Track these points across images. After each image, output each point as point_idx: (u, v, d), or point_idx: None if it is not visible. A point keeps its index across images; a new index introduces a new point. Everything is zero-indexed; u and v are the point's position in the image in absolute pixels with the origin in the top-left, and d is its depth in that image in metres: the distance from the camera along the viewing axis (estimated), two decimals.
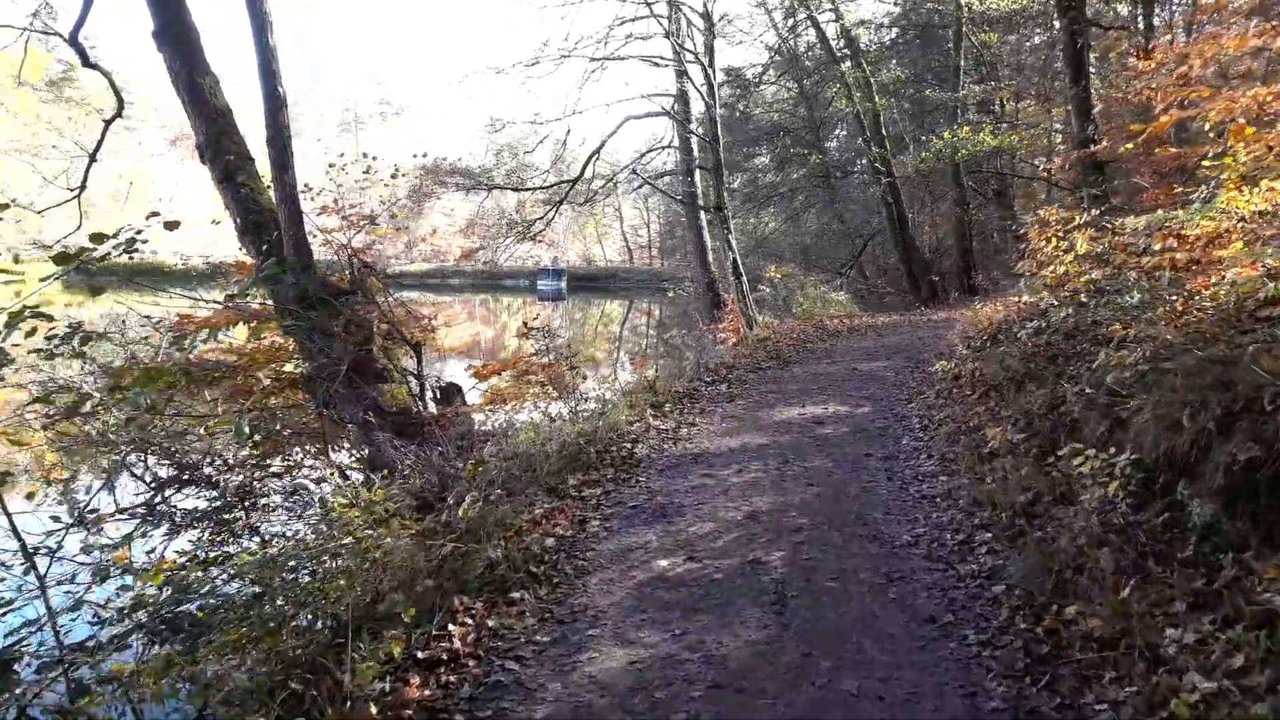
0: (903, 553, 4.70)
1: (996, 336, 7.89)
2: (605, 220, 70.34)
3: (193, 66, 8.39)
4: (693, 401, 9.04)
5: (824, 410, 8.52)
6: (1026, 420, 5.83)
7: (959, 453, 6.22)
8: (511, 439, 7.26)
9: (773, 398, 9.27)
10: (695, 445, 7.23)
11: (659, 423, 7.88)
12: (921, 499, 5.57)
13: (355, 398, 7.88)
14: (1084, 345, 5.92)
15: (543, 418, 8.36)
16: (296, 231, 8.13)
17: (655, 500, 5.69)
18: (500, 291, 59.02)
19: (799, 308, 18.30)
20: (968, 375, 7.88)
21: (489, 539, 5.02)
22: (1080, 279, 7.48)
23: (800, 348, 13.40)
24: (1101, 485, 4.26)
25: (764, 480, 6.09)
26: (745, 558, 4.68)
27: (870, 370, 10.98)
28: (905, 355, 12.11)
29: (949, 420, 7.19)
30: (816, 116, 25.65)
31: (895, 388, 9.67)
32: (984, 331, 8.44)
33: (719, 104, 17.81)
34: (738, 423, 8.08)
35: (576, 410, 9.38)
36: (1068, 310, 6.38)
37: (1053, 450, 5.26)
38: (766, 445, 7.17)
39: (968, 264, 21.53)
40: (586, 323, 45.81)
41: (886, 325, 16.04)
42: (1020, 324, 7.54)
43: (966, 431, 6.59)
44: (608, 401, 9.61)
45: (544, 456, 6.15)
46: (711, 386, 9.89)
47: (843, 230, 25.67)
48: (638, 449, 6.99)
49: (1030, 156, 24.14)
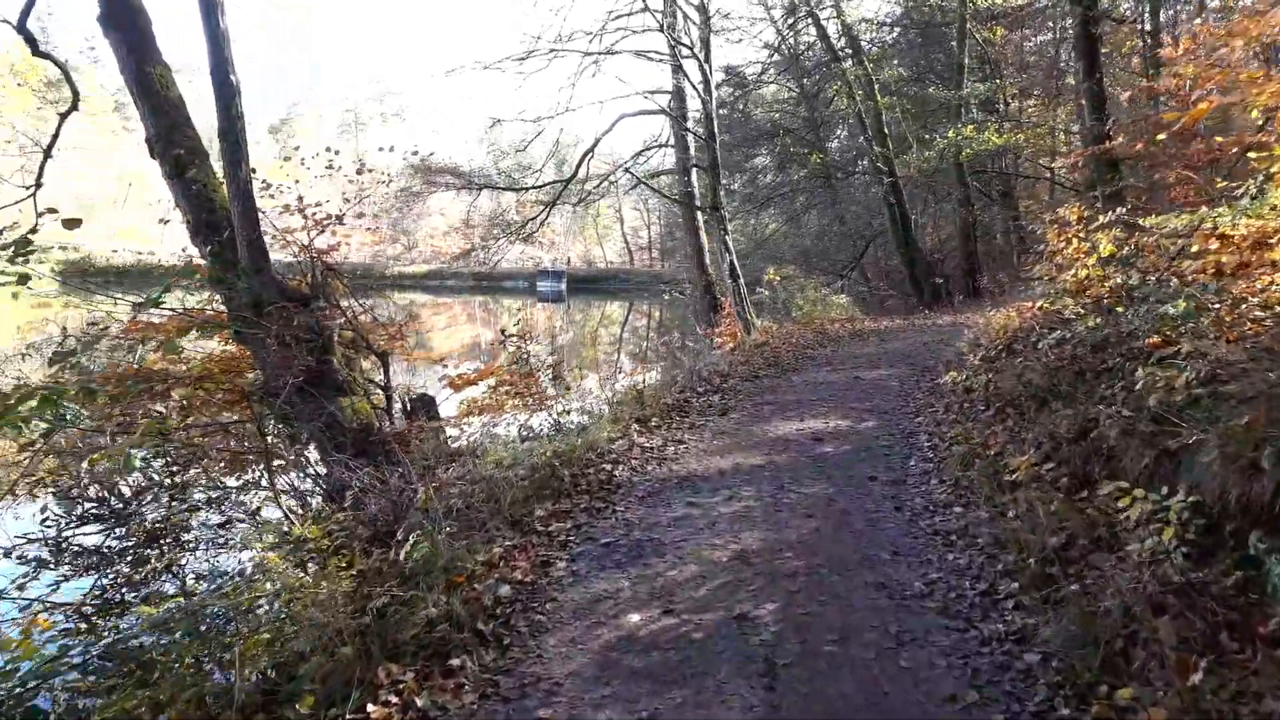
0: (915, 605, 3.98)
1: (1012, 347, 7.17)
2: (606, 222, 69.69)
3: (142, 54, 7.70)
4: (683, 415, 8.33)
5: (824, 425, 7.81)
6: (1052, 444, 5.11)
7: (975, 479, 5.50)
8: (480, 460, 6.56)
9: (769, 410, 8.56)
10: (682, 466, 6.52)
11: (644, 440, 7.17)
12: (934, 535, 4.85)
13: (314, 413, 7.19)
14: (1116, 359, 5.21)
15: (516, 435, 7.67)
16: (250, 231, 7.43)
17: (632, 536, 4.98)
18: (500, 293, 58.35)
19: (798, 311, 17.59)
20: (981, 389, 7.17)
21: (435, 585, 4.32)
22: (1104, 284, 6.77)
23: (799, 354, 12.69)
24: (1153, 533, 3.56)
25: (756, 510, 5.38)
26: (731, 611, 3.97)
27: (873, 379, 10.27)
28: (910, 362, 11.39)
29: (962, 439, 6.47)
30: (817, 116, 24.96)
31: (900, 399, 8.95)
32: (997, 340, 7.72)
33: (716, 102, 17.10)
34: (730, 439, 7.36)
35: (559, 422, 8.70)
36: (1095, 319, 5.66)
37: (1086, 483, 4.55)
38: (760, 467, 6.45)
39: (972, 266, 20.81)
40: (586, 325, 45.15)
41: (889, 330, 15.33)
42: (1040, 333, 6.83)
43: (983, 454, 5.87)
44: (592, 413, 8.92)
45: (509, 483, 5.44)
46: (704, 397, 9.18)
47: (844, 232, 24.96)
48: (618, 471, 6.28)
49: (1035, 157, 23.42)
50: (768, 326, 15.87)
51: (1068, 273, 6.91)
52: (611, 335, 38.22)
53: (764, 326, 15.91)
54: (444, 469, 6.76)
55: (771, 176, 29.73)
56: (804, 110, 26.35)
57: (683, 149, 17.86)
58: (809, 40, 24.47)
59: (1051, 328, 6.70)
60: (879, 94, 20.67)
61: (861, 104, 20.66)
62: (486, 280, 59.45)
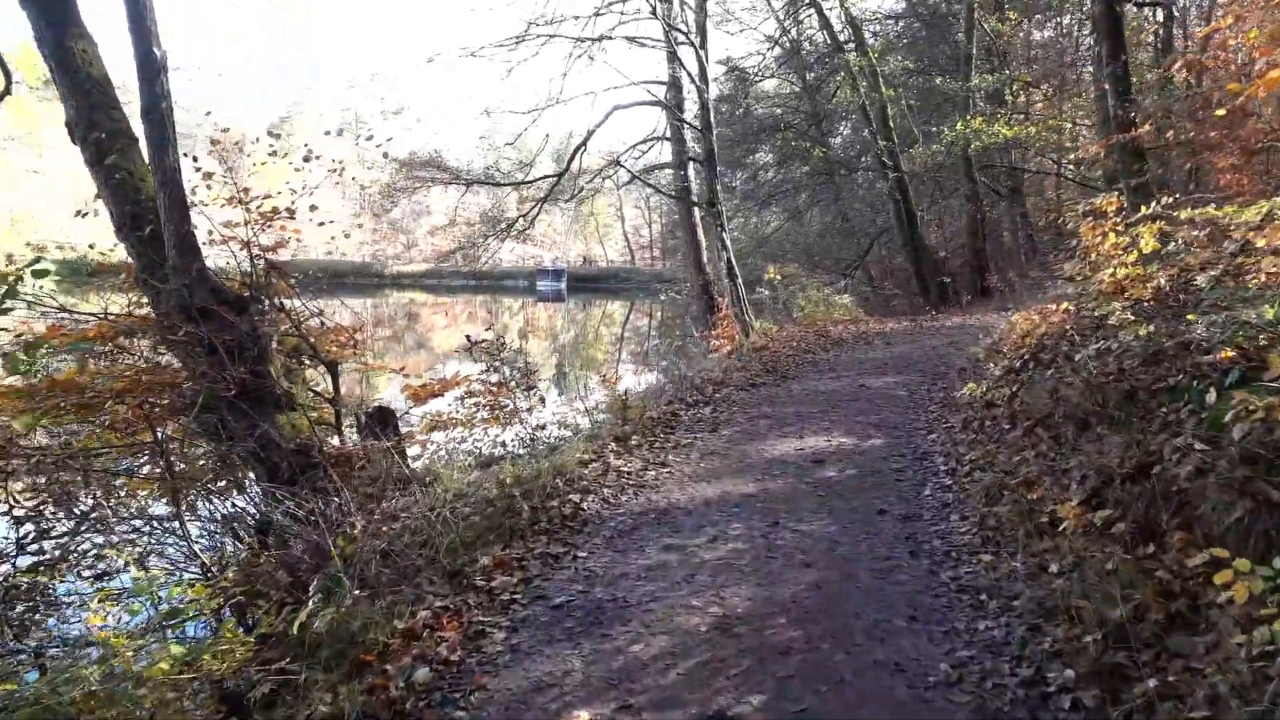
0: (940, 701, 3.07)
1: (1040, 356, 6.24)
2: (606, 220, 68.81)
3: (62, 27, 6.82)
4: (668, 430, 7.42)
5: (826, 443, 6.90)
6: (1100, 480, 4.19)
7: (1005, 518, 4.59)
8: (431, 488, 5.67)
9: (765, 425, 7.65)
10: (662, 496, 5.61)
11: (622, 462, 6.26)
12: (960, 593, 3.94)
13: (247, 431, 6.30)
14: (1178, 377, 4.28)
15: (480, 455, 6.78)
16: (179, 224, 6.54)
17: (592, 593, 4.07)
18: (500, 292, 57.49)
19: (800, 312, 16.67)
20: (1004, 404, 6.25)
21: (339, 662, 3.43)
22: (1146, 285, 5.85)
23: (800, 358, 11.77)
24: (1265, 621, 2.65)
25: (745, 556, 4.47)
26: (706, 708, 3.07)
27: (880, 388, 9.35)
28: (919, 369, 10.47)
29: (985, 464, 5.56)
30: (820, 109, 24.01)
31: (911, 411, 8.04)
32: (1021, 348, 6.80)
33: (712, 91, 16.19)
34: (719, 461, 6.45)
35: (535, 438, 7.82)
36: (1146, 327, 4.73)
37: (1151, 534, 3.63)
38: (752, 496, 5.54)
39: (981, 265, 19.85)
40: (582, 325, 44.29)
41: (895, 332, 14.40)
42: (1074, 341, 5.90)
43: (1012, 484, 4.96)
44: (571, 426, 8.03)
45: (448, 524, 4.54)
46: (694, 410, 8.27)
47: (847, 229, 24.01)
48: (587, 503, 5.37)
49: (1046, 151, 22.44)
50: (767, 328, 14.95)
51: (1104, 272, 5.98)
52: (608, 335, 37.36)
53: (763, 328, 15.00)
54: (392, 498, 5.88)
55: (773, 173, 28.81)
56: (806, 104, 25.40)
57: (679, 142, 16.94)
58: (811, 31, 23.54)
59: (1088, 335, 5.77)
60: (884, 85, 19.70)
61: (866, 96, 19.69)
62: (486, 279, 58.62)
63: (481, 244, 18.81)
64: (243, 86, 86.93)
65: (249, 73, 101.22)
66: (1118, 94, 10.05)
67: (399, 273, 55.45)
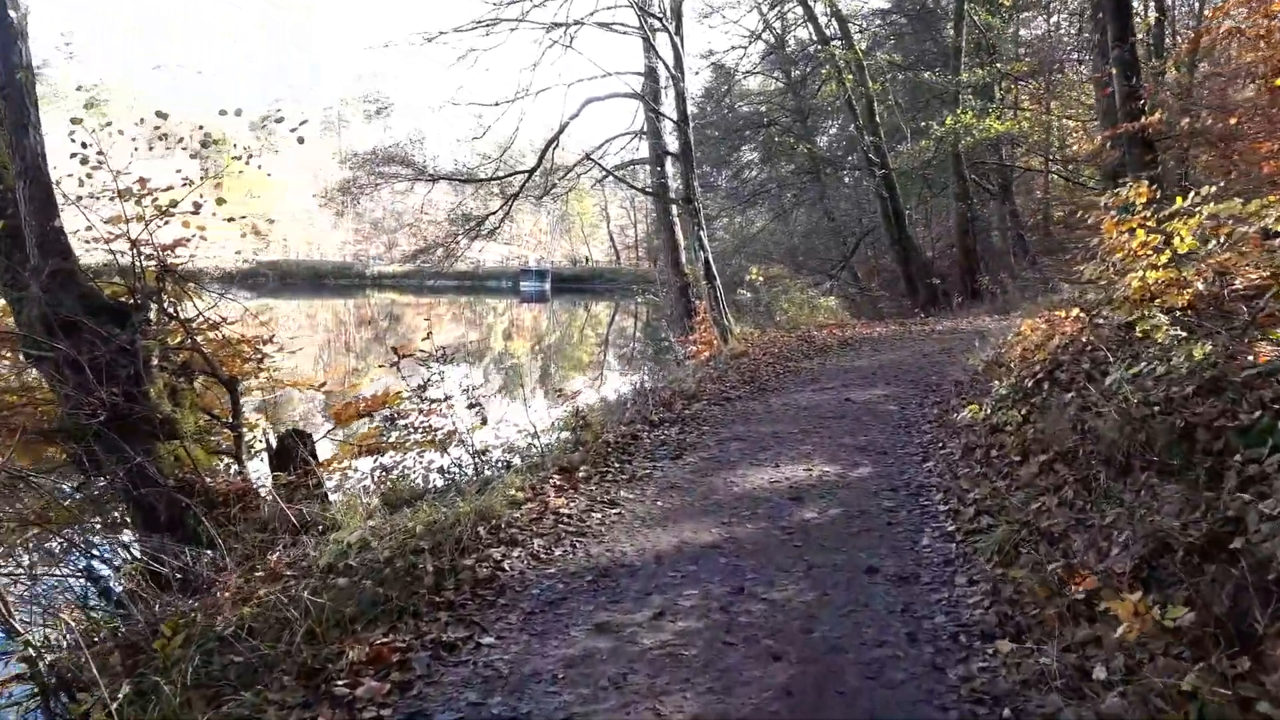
0: None
1: (1056, 374, 5.26)
2: (592, 220, 67.73)
3: None
4: (625, 457, 6.40)
5: (806, 473, 5.91)
6: (1153, 547, 3.21)
7: (1026, 587, 3.60)
8: (328, 539, 4.64)
9: (737, 449, 6.65)
10: (605, 547, 4.59)
11: (563, 501, 5.24)
12: (976, 704, 2.94)
13: (121, 464, 5.25)
14: (1255, 414, 3.30)
15: (397, 493, 5.75)
16: (43, 219, 5.49)
17: (487, 709, 3.02)
18: (484, 293, 56.33)
19: (783, 315, 15.70)
20: (1014, 431, 5.26)
21: None
22: (1184, 291, 4.89)
23: (781, 367, 10.79)
24: None
25: (696, 642, 3.45)
26: None
27: (867, 402, 8.37)
28: (910, 379, 9.51)
29: (995, 507, 4.58)
30: (805, 105, 23.05)
31: (902, 432, 7.07)
32: (1031, 363, 5.81)
33: (693, 85, 15.18)
34: (680, 498, 5.44)
35: (478, 463, 6.80)
36: (1202, 345, 3.75)
37: (1242, 641, 2.65)
38: (714, 548, 4.54)
39: (971, 265, 18.93)
40: (569, 326, 43.31)
41: (883, 337, 13.43)
42: (1100, 357, 4.92)
43: (1030, 539, 3.98)
44: (519, 451, 7.01)
45: (311, 602, 3.50)
46: (658, 430, 7.26)
47: (833, 228, 23.04)
48: (511, 560, 4.34)
49: (1036, 149, 21.54)
50: (748, 333, 13.98)
51: (1132, 276, 5.01)
52: (585, 339, 36.33)
53: (743, 333, 14.02)
54: (281, 545, 4.85)
55: (758, 171, 27.88)
56: (791, 101, 24.45)
57: (656, 136, 15.92)
58: (795, 21, 22.59)
59: (1115, 351, 4.79)
60: (870, 79, 18.74)
61: (852, 89, 18.73)
62: (469, 279, 57.49)
63: (451, 243, 17.76)
64: (242, 86, 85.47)
65: (248, 72, 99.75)
66: (1125, 79, 9.11)
67: (380, 273, 54.19)
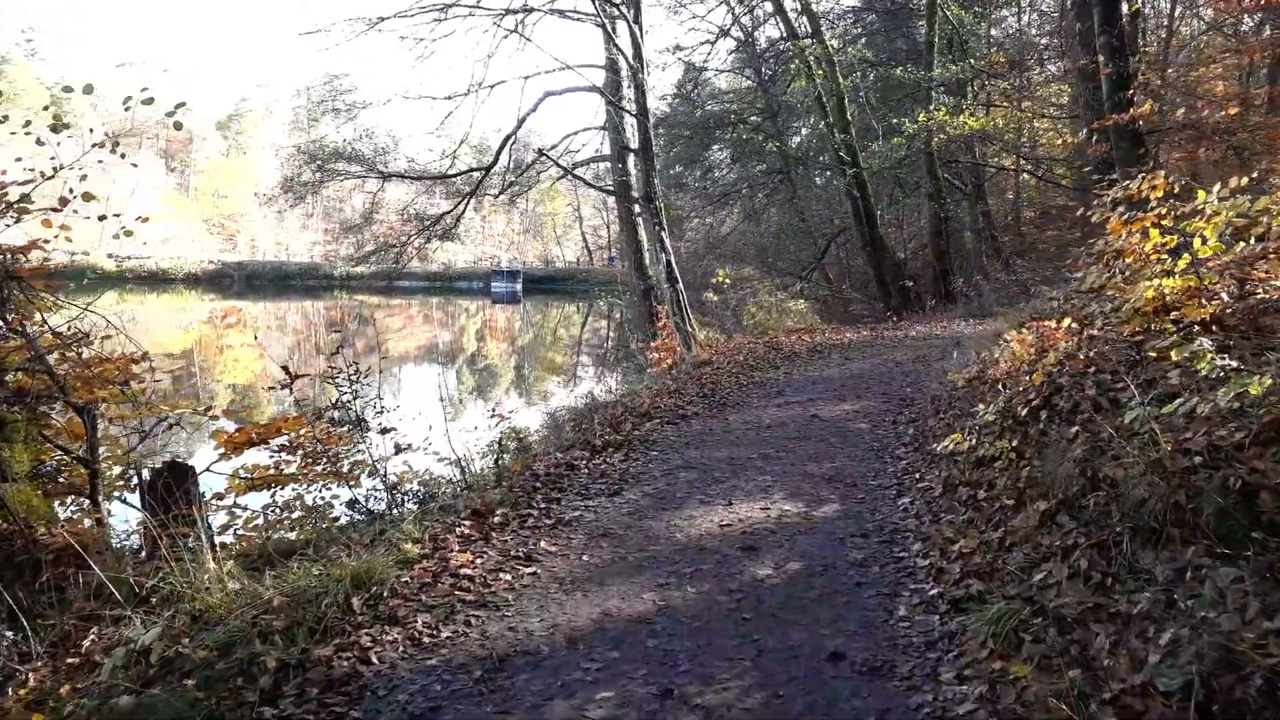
0: None
1: (1054, 401, 4.39)
2: (565, 221, 66.69)
3: None
4: (556, 493, 5.46)
5: (763, 513, 5.01)
6: (1215, 660, 2.33)
7: (1033, 694, 2.71)
8: (173, 609, 3.66)
9: (687, 482, 5.73)
10: (508, 624, 3.64)
11: (467, 556, 4.27)
12: None
13: None
14: None
15: (272, 543, 4.77)
16: None
17: None
18: (454, 294, 55.03)
19: (750, 320, 14.83)
20: (1008, 468, 4.39)
21: None
22: (1208, 303, 4.05)
23: (745, 378, 9.91)
24: None
25: None
26: None
27: (836, 420, 7.51)
28: (882, 392, 8.67)
29: (985, 568, 3.70)
30: (776, 101, 22.22)
31: (874, 457, 6.20)
32: (1022, 383, 4.94)
33: (654, 77, 14.26)
34: (611, 550, 4.50)
35: (394, 499, 5.85)
36: (1260, 378, 2.88)
37: None
38: (644, 621, 3.61)
39: (945, 267, 18.20)
40: (543, 325, 42.31)
41: (854, 344, 12.59)
42: (1108, 381, 4.06)
43: (1033, 618, 3.10)
44: (435, 481, 6.06)
45: None
46: (599, 457, 6.32)
47: (804, 229, 22.24)
48: (382, 647, 3.38)
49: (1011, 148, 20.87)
50: (713, 339, 13.11)
51: (1146, 285, 4.16)
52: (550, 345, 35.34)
53: (708, 339, 13.14)
54: (104, 625, 3.85)
55: (729, 170, 27.06)
56: (761, 100, 23.65)
57: (618, 132, 15.00)
58: (764, 15, 21.77)
59: (1123, 373, 3.93)
60: (841, 75, 17.94)
61: (822, 86, 17.92)
62: (440, 280, 56.21)
63: (404, 245, 16.74)
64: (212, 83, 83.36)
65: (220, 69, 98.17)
66: (1114, 67, 8.33)
67: (348, 274, 52.64)
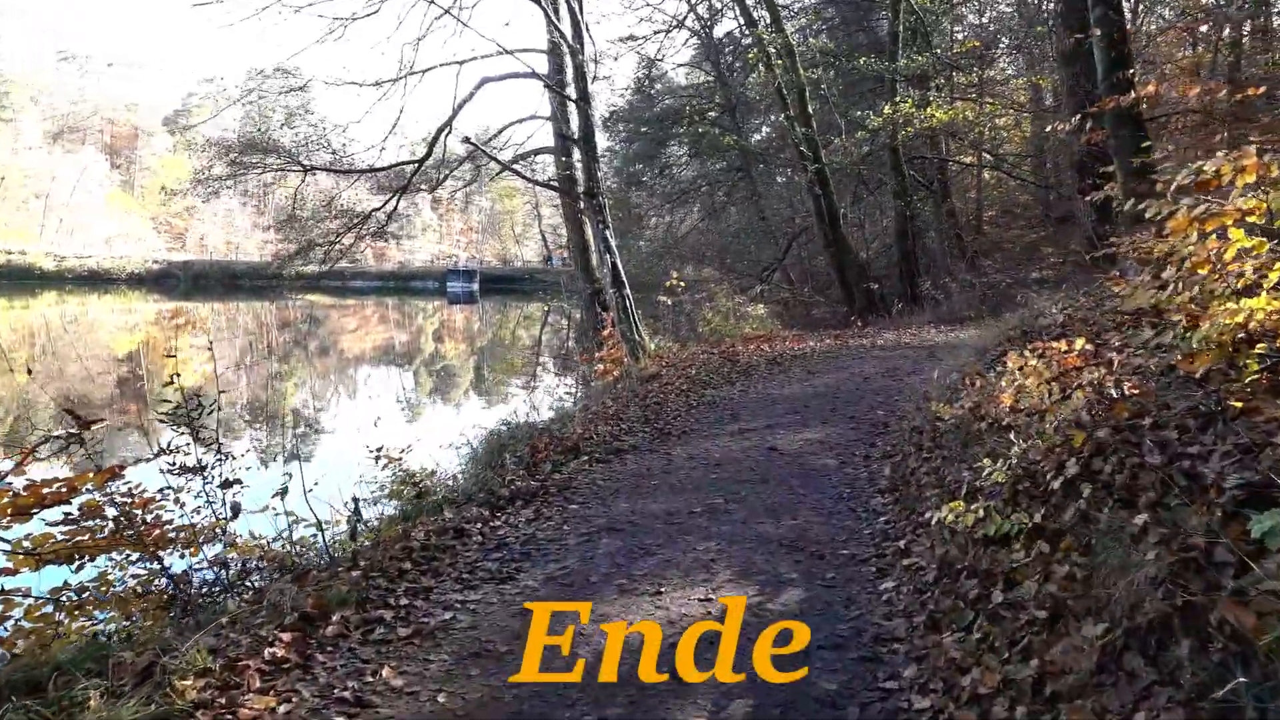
0: None
1: (1096, 467, 3.15)
2: (524, 218, 65.06)
3: None
4: (429, 577, 4.08)
5: (702, 605, 3.70)
6: None
7: None
8: None
9: (608, 553, 4.40)
10: None
11: (269, 700, 2.89)
12: None
13: None
14: None
15: None
16: None
17: None
18: (409, 294, 53.12)
19: (706, 326, 13.57)
20: (1034, 564, 3.14)
21: None
22: None
23: (696, 396, 8.65)
24: None
25: None
26: None
27: (798, 453, 6.26)
28: (850, 415, 7.46)
29: None
30: (734, 94, 21.04)
31: (846, 510, 4.94)
32: (1041, 431, 3.68)
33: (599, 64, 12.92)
34: (481, 682, 3.14)
35: (226, 583, 4.48)
36: None
37: None
38: None
39: (911, 269, 17.17)
40: (503, 326, 40.72)
41: (818, 354, 11.40)
42: (1171, 445, 2.83)
43: None
44: (276, 557, 4.67)
45: None
46: (504, 514, 4.96)
47: (765, 228, 21.08)
48: None
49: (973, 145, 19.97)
50: (663, 350, 11.81)
51: (1222, 299, 2.96)
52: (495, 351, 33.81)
53: (660, 349, 11.85)
54: None
55: (687, 167, 25.89)
56: (719, 95, 22.47)
57: (560, 122, 13.62)
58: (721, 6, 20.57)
59: (1195, 432, 2.70)
60: (802, 66, 16.78)
61: (782, 78, 16.75)
62: (394, 279, 54.26)
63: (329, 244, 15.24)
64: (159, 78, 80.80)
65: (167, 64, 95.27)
66: (1111, 43, 7.20)
67: (298, 273, 50.37)
